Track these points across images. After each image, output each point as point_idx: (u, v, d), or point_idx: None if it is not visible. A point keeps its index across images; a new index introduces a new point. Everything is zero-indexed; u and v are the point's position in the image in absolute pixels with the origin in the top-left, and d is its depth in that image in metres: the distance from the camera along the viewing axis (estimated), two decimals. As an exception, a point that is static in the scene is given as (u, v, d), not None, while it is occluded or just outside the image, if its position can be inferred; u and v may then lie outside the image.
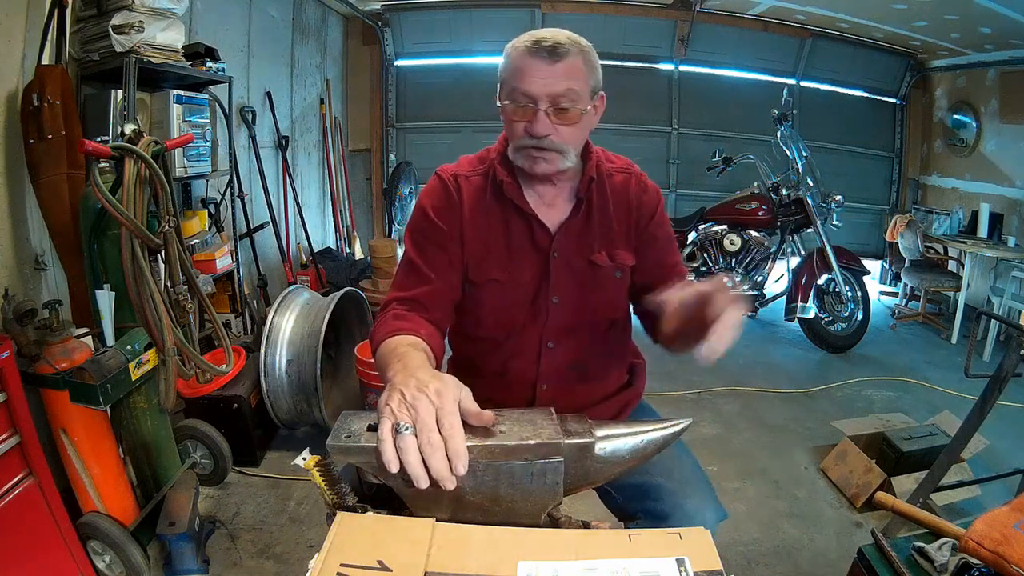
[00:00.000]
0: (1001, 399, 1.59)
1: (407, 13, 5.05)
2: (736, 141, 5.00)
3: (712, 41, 5.06)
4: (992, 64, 4.48)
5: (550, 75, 0.95)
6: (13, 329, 1.52)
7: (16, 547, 1.40)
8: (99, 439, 1.66)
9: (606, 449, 0.73)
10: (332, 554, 0.62)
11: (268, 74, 3.76)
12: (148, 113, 2.34)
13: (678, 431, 0.76)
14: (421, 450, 0.66)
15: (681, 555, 0.62)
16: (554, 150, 1.00)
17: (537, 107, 0.97)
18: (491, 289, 1.09)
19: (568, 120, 0.99)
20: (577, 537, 0.66)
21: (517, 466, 0.71)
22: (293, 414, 2.44)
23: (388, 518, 0.71)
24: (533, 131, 0.98)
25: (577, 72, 0.97)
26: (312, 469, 0.75)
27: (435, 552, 0.63)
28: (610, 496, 1.12)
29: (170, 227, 1.69)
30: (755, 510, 2.17)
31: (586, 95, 0.99)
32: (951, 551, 0.95)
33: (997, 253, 3.94)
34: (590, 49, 1.00)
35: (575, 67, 0.97)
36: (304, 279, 3.78)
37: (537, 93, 0.96)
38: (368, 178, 5.35)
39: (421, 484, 0.67)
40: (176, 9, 2.26)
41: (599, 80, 1.03)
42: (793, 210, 3.82)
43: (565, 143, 1.00)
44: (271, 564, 1.83)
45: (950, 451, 1.66)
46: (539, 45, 0.95)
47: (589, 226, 1.10)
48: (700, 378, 3.26)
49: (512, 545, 0.64)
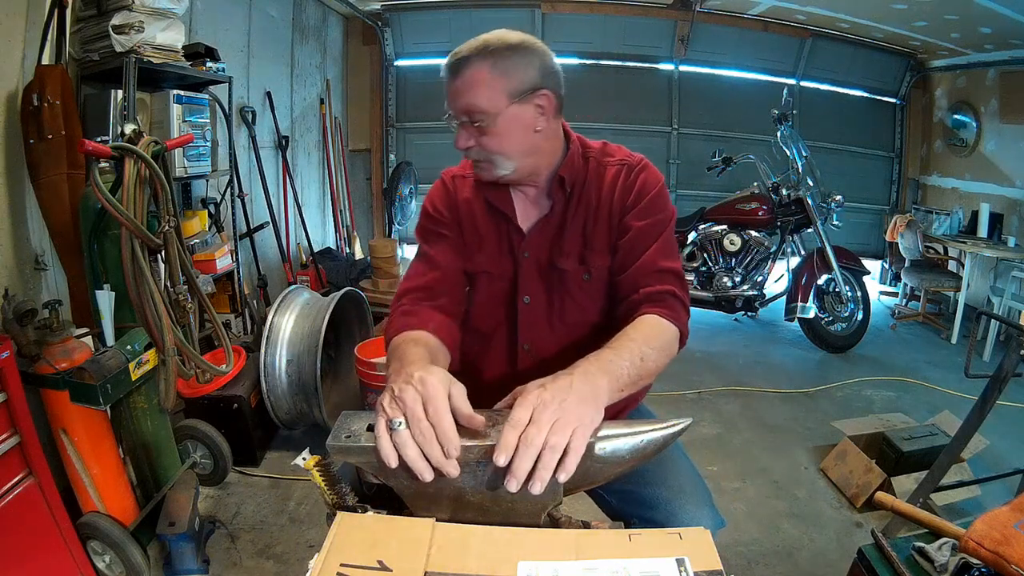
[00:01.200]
0: (1001, 399, 1.59)
1: (407, 13, 5.05)
2: (736, 141, 5.00)
3: (712, 41, 5.06)
4: (992, 64, 4.48)
5: (455, 90, 0.97)
6: (13, 329, 1.52)
7: (16, 547, 1.40)
8: (99, 439, 1.66)
9: (606, 449, 0.73)
10: (332, 554, 0.62)
11: (268, 74, 3.76)
12: (148, 113, 2.34)
13: (678, 431, 0.76)
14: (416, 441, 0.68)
15: (681, 555, 0.62)
16: (483, 160, 1.02)
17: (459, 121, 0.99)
18: (482, 281, 1.12)
19: (483, 131, 0.98)
20: (577, 537, 0.66)
21: (517, 466, 0.71)
22: (293, 414, 2.44)
23: (388, 518, 0.71)
24: (456, 144, 1.01)
25: (478, 82, 0.95)
26: (312, 469, 0.75)
27: (435, 552, 0.63)
28: (604, 500, 1.09)
29: (170, 227, 1.69)
30: (755, 510, 2.17)
31: (495, 103, 0.95)
32: (951, 551, 0.95)
33: (997, 253, 3.94)
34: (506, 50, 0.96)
35: (476, 78, 0.95)
36: (304, 279, 3.78)
37: (451, 109, 0.99)
38: (368, 178, 5.35)
39: (425, 476, 0.68)
40: (176, 9, 2.26)
41: (525, 80, 0.97)
42: (793, 210, 3.82)
43: (491, 152, 1.00)
44: (271, 564, 1.83)
45: (950, 451, 1.66)
46: (447, 62, 0.98)
47: (564, 226, 1.08)
48: (700, 378, 3.26)
49: (512, 545, 0.64)
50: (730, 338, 4.08)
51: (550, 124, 1.03)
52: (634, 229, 1.05)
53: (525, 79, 0.97)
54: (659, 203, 1.07)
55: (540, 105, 0.99)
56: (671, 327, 0.98)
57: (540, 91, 0.98)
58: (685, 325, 1.01)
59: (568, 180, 1.07)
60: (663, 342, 0.95)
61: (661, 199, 1.07)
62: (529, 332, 1.11)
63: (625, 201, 1.06)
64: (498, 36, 0.97)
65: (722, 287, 3.92)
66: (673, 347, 0.98)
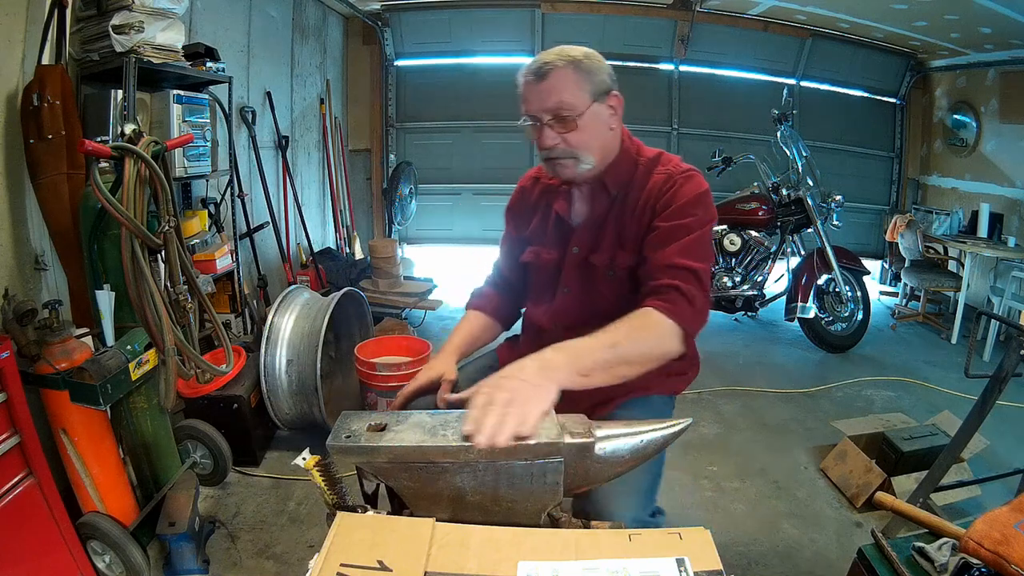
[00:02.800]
0: (1001, 399, 1.59)
1: (407, 13, 5.04)
2: (736, 141, 5.00)
3: (712, 41, 5.05)
4: (992, 64, 4.48)
5: (543, 91, 1.08)
6: (13, 329, 1.52)
7: (16, 547, 1.40)
8: (99, 439, 1.66)
9: (606, 449, 0.73)
10: (332, 554, 0.62)
11: (268, 74, 3.76)
12: (148, 113, 2.34)
13: (678, 431, 0.77)
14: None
15: (681, 555, 0.62)
16: (567, 157, 1.12)
17: (541, 123, 1.10)
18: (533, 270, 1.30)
19: (569, 127, 1.09)
20: (577, 537, 0.66)
21: (517, 466, 0.72)
22: (293, 414, 2.44)
23: (388, 518, 0.71)
24: (542, 144, 1.12)
25: (565, 83, 1.07)
26: (312, 469, 0.75)
27: (435, 552, 0.63)
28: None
29: (170, 227, 1.69)
30: (755, 510, 2.17)
31: (582, 100, 1.08)
32: (951, 551, 0.95)
33: (997, 253, 3.93)
34: (583, 58, 1.09)
35: (562, 79, 1.07)
36: (304, 279, 3.78)
37: (536, 111, 1.10)
38: (368, 178, 5.35)
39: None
40: (176, 9, 2.26)
41: (602, 82, 1.11)
42: (793, 210, 3.82)
43: (574, 148, 1.11)
44: (271, 564, 1.83)
45: (950, 451, 1.66)
46: (529, 70, 1.10)
47: (604, 225, 1.19)
48: (700, 378, 3.24)
49: (512, 545, 0.65)
50: (730, 338, 4.08)
51: (619, 125, 1.17)
52: (659, 229, 1.11)
53: (600, 81, 1.11)
54: (690, 208, 1.11)
55: (612, 106, 1.14)
56: (665, 320, 1.01)
57: (612, 93, 1.13)
58: (688, 319, 1.03)
59: (612, 182, 1.18)
60: (650, 334, 1.00)
61: (694, 205, 1.12)
62: (564, 318, 1.23)
63: (659, 206, 1.12)
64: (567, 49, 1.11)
65: (722, 287, 3.92)
66: (667, 340, 1.01)
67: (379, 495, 0.90)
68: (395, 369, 2.42)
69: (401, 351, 2.67)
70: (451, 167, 5.36)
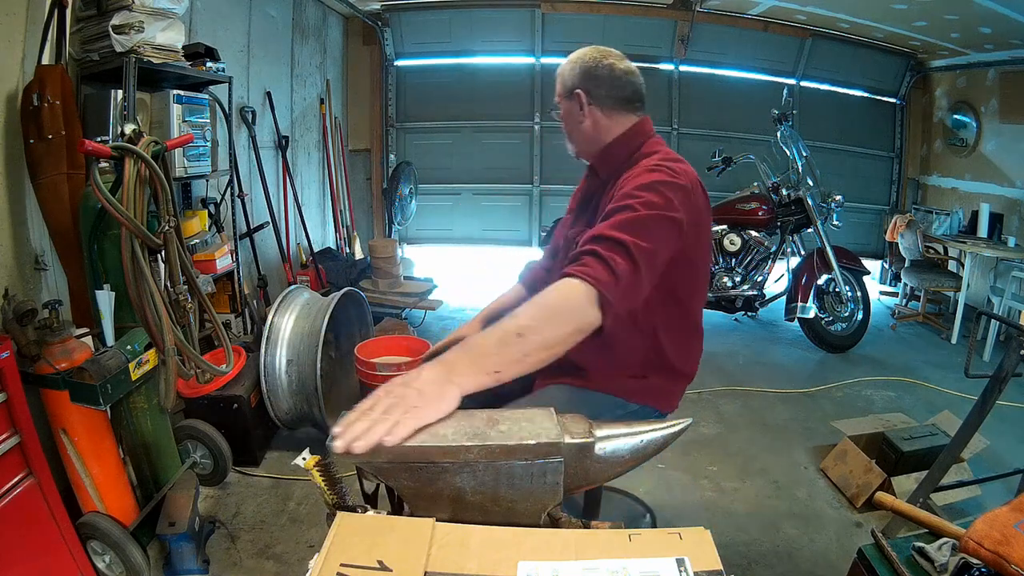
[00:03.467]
0: (1001, 399, 1.59)
1: (407, 13, 5.04)
2: (736, 141, 5.00)
3: (712, 41, 5.05)
4: (992, 64, 4.48)
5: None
6: (13, 329, 1.52)
7: (16, 547, 1.40)
8: (99, 439, 1.66)
9: (606, 449, 0.73)
10: (332, 554, 0.62)
11: (268, 74, 3.76)
12: (148, 113, 2.34)
13: (678, 431, 0.77)
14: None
15: (681, 555, 0.62)
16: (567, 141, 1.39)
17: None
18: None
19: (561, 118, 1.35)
20: (577, 537, 0.66)
21: (517, 466, 0.72)
22: (293, 414, 2.43)
23: (388, 518, 0.71)
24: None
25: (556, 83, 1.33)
26: (312, 469, 0.75)
27: (435, 552, 0.63)
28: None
29: (170, 227, 1.69)
30: (755, 510, 2.17)
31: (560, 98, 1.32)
32: (951, 551, 0.95)
33: (997, 253, 3.93)
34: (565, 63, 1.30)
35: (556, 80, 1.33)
36: (304, 279, 3.78)
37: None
38: (368, 178, 5.35)
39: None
40: (176, 9, 2.26)
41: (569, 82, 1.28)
42: (793, 210, 3.82)
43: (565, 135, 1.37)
44: (271, 564, 1.83)
45: (950, 451, 1.66)
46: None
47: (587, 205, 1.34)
48: (700, 378, 3.23)
49: (512, 545, 0.64)
50: (730, 338, 4.08)
51: (591, 118, 1.27)
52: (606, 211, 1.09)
53: (567, 82, 1.29)
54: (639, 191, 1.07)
55: (579, 102, 1.27)
56: (579, 286, 0.94)
57: (576, 91, 1.27)
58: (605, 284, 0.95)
59: (601, 167, 1.31)
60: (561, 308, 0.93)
61: (646, 189, 1.08)
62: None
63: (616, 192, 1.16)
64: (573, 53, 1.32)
65: (722, 287, 3.92)
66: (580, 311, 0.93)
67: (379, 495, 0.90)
68: (395, 369, 2.42)
69: (401, 351, 2.67)
70: (451, 167, 5.35)
